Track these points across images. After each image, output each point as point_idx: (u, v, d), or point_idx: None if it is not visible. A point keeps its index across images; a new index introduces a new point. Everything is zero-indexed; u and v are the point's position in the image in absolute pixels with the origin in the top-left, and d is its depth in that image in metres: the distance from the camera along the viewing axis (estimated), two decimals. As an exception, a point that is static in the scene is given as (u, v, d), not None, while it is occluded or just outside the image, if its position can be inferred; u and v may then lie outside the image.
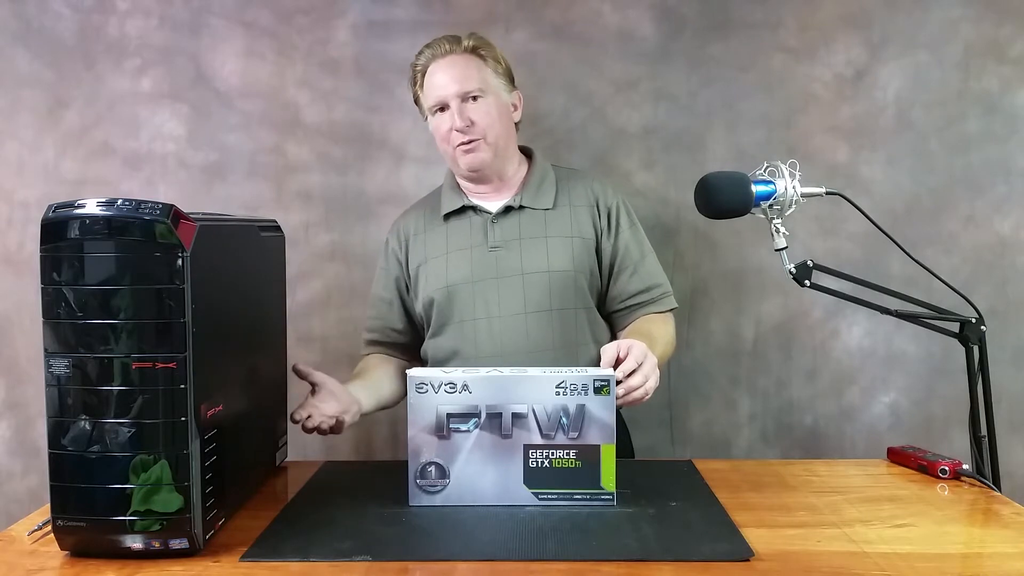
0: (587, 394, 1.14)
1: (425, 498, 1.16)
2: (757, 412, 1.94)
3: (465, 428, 1.15)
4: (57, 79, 1.90)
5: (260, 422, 1.30)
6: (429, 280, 1.52)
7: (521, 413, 1.15)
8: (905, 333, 1.89)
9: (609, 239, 1.52)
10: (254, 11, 1.89)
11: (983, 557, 1.03)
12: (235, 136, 1.91)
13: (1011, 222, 1.88)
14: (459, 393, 1.15)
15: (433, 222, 1.57)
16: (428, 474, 1.16)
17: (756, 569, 0.96)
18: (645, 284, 1.52)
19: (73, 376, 0.96)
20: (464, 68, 1.48)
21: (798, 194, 1.28)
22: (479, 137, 1.47)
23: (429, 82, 1.50)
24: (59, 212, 0.96)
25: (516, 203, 1.52)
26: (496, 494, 1.15)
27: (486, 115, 1.47)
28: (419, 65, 1.52)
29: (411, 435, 1.16)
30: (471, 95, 1.47)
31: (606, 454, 1.15)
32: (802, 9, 1.87)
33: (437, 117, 1.50)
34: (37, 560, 1.00)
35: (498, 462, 1.15)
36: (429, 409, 1.15)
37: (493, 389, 1.15)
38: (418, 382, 1.15)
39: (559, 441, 1.15)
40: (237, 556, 1.00)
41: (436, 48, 1.50)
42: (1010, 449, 1.83)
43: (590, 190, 1.55)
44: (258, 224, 1.31)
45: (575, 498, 1.16)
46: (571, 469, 1.15)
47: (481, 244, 1.50)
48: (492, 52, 1.52)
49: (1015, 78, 1.86)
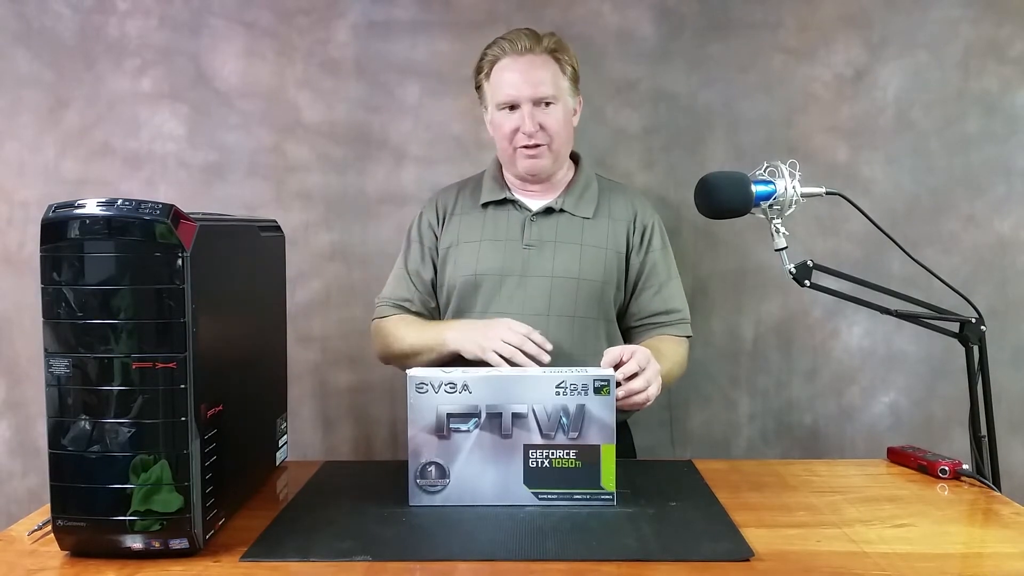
0: (587, 394, 1.14)
1: (425, 498, 1.16)
2: (757, 412, 1.94)
3: (465, 428, 1.15)
4: (57, 79, 1.90)
5: (260, 422, 1.30)
6: (458, 265, 1.51)
7: (521, 413, 1.14)
8: (905, 333, 1.89)
9: (639, 255, 1.52)
10: (254, 11, 1.89)
11: (983, 557, 1.03)
12: (235, 136, 1.91)
13: (1011, 222, 1.88)
14: (459, 393, 1.15)
15: (471, 207, 1.55)
16: (428, 474, 1.15)
17: (756, 569, 0.96)
18: (666, 306, 1.52)
19: (73, 376, 0.96)
20: (541, 71, 1.44)
21: (798, 194, 1.28)
22: (545, 143, 1.45)
23: (500, 77, 1.46)
24: (59, 212, 0.96)
25: (557, 206, 1.51)
26: (496, 494, 1.15)
27: (555, 122, 1.45)
28: (491, 55, 1.47)
29: (411, 435, 1.15)
30: (545, 100, 1.44)
31: (606, 454, 1.15)
32: (802, 9, 1.87)
33: (503, 114, 1.47)
34: (37, 560, 1.00)
35: (498, 462, 1.15)
36: (429, 409, 1.15)
37: (493, 389, 1.15)
38: (418, 382, 1.15)
39: (559, 441, 1.15)
40: (237, 556, 1.00)
41: (515, 43, 1.45)
42: (1010, 449, 1.83)
43: (631, 205, 1.55)
44: (258, 224, 1.31)
45: (575, 498, 1.15)
46: (571, 469, 1.15)
47: (516, 239, 1.49)
48: (568, 56, 1.49)
49: (1015, 78, 1.86)
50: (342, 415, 1.96)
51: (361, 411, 1.94)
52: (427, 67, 1.89)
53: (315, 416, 1.95)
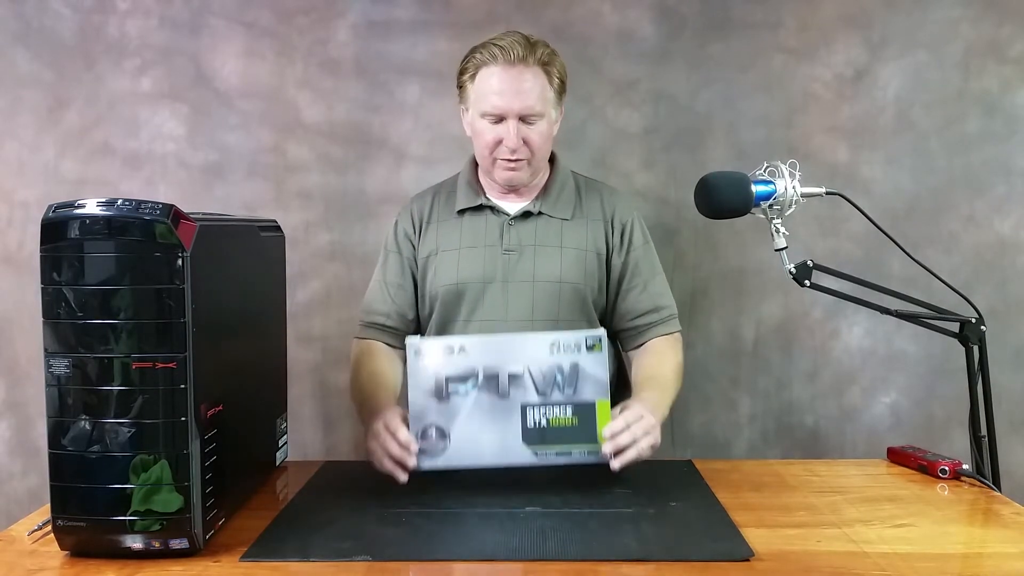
0: (580, 351, 1.19)
1: (427, 461, 1.18)
2: (757, 412, 1.94)
3: (463, 390, 1.19)
4: (57, 79, 1.90)
5: (260, 422, 1.31)
6: (439, 274, 1.49)
7: (517, 373, 1.19)
8: (905, 333, 1.89)
9: (620, 255, 1.51)
10: (254, 11, 1.89)
11: (983, 557, 1.03)
12: (235, 136, 1.91)
13: (1011, 222, 1.88)
14: (456, 355, 1.19)
15: (447, 213, 1.53)
16: (429, 436, 1.18)
17: (756, 569, 0.96)
18: (654, 304, 1.51)
19: (73, 376, 0.96)
20: (532, 85, 1.39)
21: (798, 194, 1.28)
22: (526, 158, 1.43)
23: (488, 85, 1.40)
24: (59, 212, 0.96)
25: (535, 209, 1.49)
26: (495, 453, 1.18)
27: (539, 136, 1.42)
28: (479, 59, 1.41)
29: (411, 399, 1.19)
30: (531, 116, 1.40)
31: (601, 410, 1.18)
32: (802, 9, 1.87)
33: (485, 123, 1.42)
34: (37, 560, 1.00)
35: (496, 422, 1.18)
36: (428, 373, 1.19)
37: (489, 351, 1.20)
38: (416, 348, 1.20)
39: (555, 399, 1.18)
40: (237, 556, 1.00)
41: (507, 52, 1.38)
42: (1010, 449, 1.83)
43: (607, 204, 1.53)
44: (258, 224, 1.31)
45: (573, 454, 1.18)
46: (568, 427, 1.18)
47: (495, 245, 1.48)
48: (557, 67, 1.44)
49: (1015, 78, 1.86)
50: (342, 415, 1.96)
51: (361, 411, 1.95)
52: (427, 67, 1.89)
53: (315, 416, 1.95)
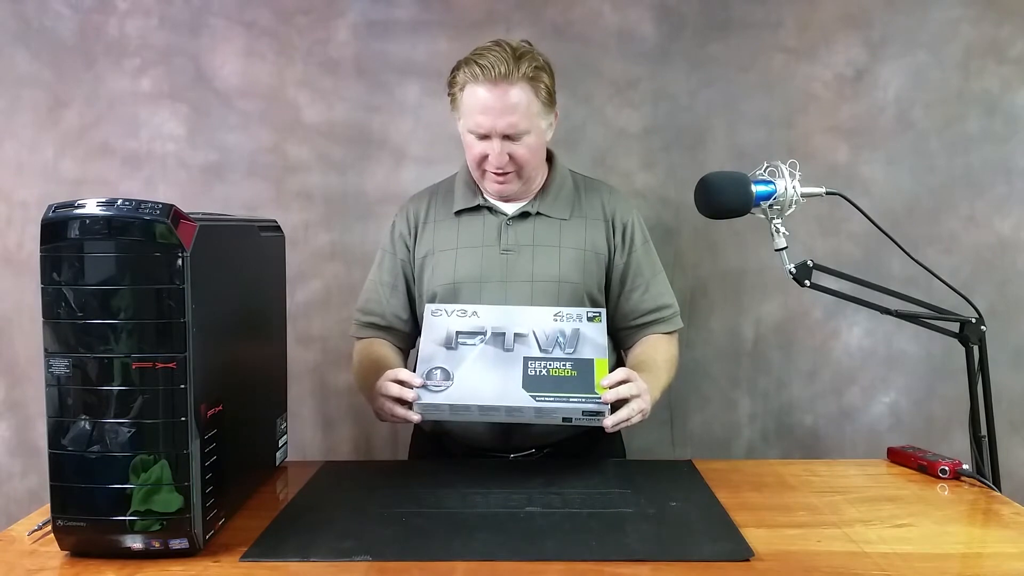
0: (581, 321, 1.30)
1: (428, 396, 1.22)
2: (757, 412, 1.94)
3: (472, 343, 1.27)
4: (57, 79, 1.90)
5: (260, 422, 1.30)
6: (435, 274, 1.49)
7: (522, 333, 1.28)
8: (905, 333, 1.89)
9: (622, 256, 1.51)
10: (254, 11, 1.89)
11: (983, 557, 1.03)
12: (235, 136, 1.91)
13: (1011, 222, 1.88)
14: (469, 317, 1.30)
15: (444, 213, 1.53)
16: (434, 375, 1.24)
17: (756, 569, 0.96)
18: (656, 303, 1.51)
19: (73, 376, 0.96)
20: (517, 102, 1.37)
21: (798, 194, 1.28)
22: (513, 171, 1.43)
23: (472, 102, 1.39)
24: (59, 212, 0.96)
25: (533, 209, 1.49)
26: (496, 395, 1.21)
27: (526, 151, 1.41)
28: (463, 77, 1.40)
29: (422, 347, 1.27)
30: (517, 134, 1.40)
31: (599, 366, 1.24)
32: (802, 9, 1.87)
33: (472, 138, 1.42)
34: (37, 560, 1.00)
35: (499, 369, 1.24)
36: (441, 328, 1.29)
37: (499, 315, 1.31)
38: (433, 309, 1.32)
39: (556, 355, 1.25)
40: (237, 556, 1.00)
41: (489, 70, 1.36)
42: (1010, 449, 1.83)
43: (607, 205, 1.52)
44: (258, 224, 1.31)
45: (571, 400, 1.20)
46: (567, 377, 1.23)
47: (493, 245, 1.48)
48: (544, 78, 1.41)
49: (1015, 78, 1.86)
50: (342, 415, 1.96)
51: (361, 411, 1.94)
52: (427, 67, 1.89)
53: (315, 416, 1.96)
